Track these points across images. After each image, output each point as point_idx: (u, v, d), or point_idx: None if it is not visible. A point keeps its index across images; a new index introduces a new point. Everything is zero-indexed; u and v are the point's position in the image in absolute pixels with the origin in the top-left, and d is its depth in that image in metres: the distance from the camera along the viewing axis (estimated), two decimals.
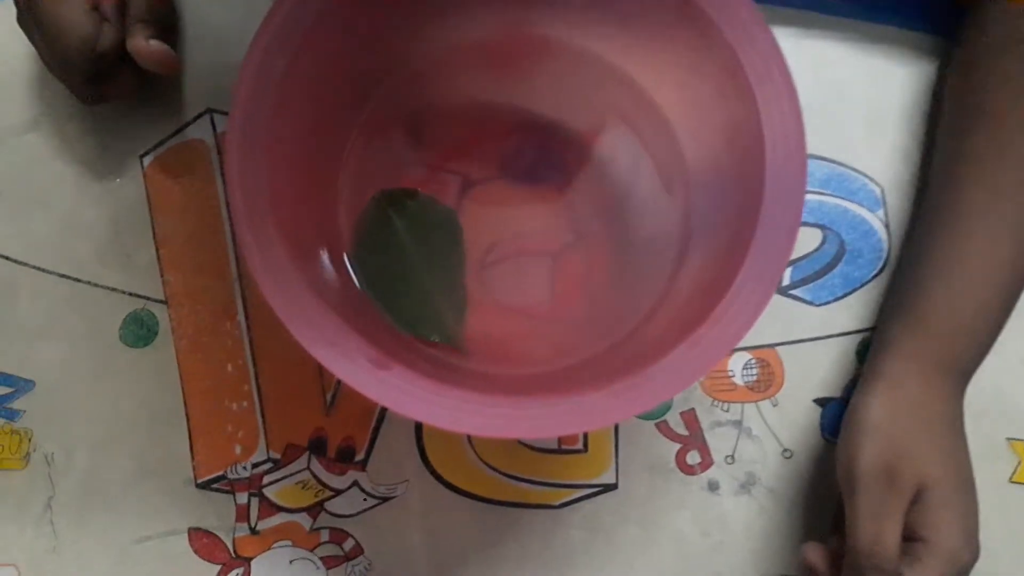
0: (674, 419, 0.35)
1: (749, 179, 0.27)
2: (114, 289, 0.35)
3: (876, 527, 0.29)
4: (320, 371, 0.34)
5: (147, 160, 0.36)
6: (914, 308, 0.33)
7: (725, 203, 0.30)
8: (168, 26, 0.35)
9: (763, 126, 0.26)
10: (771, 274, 0.25)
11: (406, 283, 0.32)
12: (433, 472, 0.34)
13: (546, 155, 0.35)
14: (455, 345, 0.32)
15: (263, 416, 0.34)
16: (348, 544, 0.34)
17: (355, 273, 0.32)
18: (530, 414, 0.24)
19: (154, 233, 0.35)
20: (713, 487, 0.35)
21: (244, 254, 0.25)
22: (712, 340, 0.25)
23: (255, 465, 0.34)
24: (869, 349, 0.35)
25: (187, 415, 0.34)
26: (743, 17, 0.27)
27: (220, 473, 0.34)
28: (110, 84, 0.33)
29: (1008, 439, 0.35)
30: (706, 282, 0.29)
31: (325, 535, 0.34)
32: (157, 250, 0.35)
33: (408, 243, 0.32)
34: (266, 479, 0.34)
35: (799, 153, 0.26)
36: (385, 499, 0.34)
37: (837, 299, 0.36)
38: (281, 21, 0.27)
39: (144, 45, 0.32)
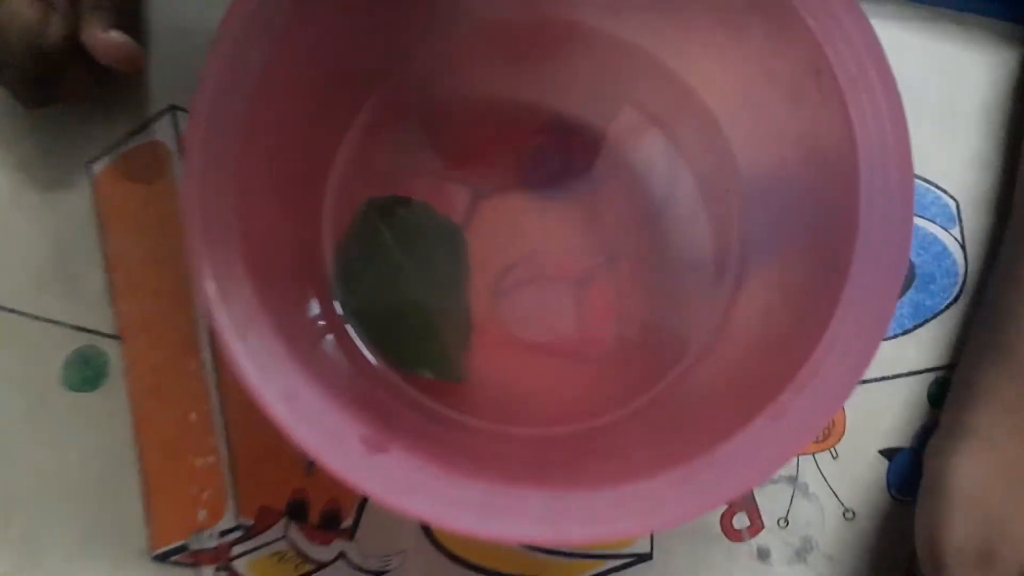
0: None
1: (832, 201, 0.22)
2: (56, 322, 0.29)
3: None
4: None
5: (97, 167, 0.30)
6: (1010, 348, 0.27)
7: (793, 227, 0.25)
8: (128, 13, 0.29)
9: (856, 141, 0.21)
10: (873, 326, 0.20)
11: (397, 309, 0.27)
12: (435, 541, 0.29)
13: (572, 162, 0.30)
14: (457, 381, 0.27)
15: (233, 474, 0.29)
16: None
17: (338, 300, 0.26)
18: (572, 514, 0.19)
19: (104, 254, 0.30)
20: (764, 555, 0.30)
21: (200, 291, 0.19)
22: (801, 413, 0.20)
23: (223, 533, 0.29)
24: (948, 394, 0.30)
25: (142, 472, 0.29)
26: (833, 5, 0.21)
27: (181, 542, 0.29)
28: (59, 84, 0.27)
29: None
30: (774, 325, 0.24)
31: None
32: (108, 275, 0.29)
33: (400, 260, 0.27)
34: (236, 550, 0.29)
35: (904, 175, 0.21)
36: (378, 574, 0.29)
37: (906, 332, 0.31)
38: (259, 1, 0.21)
39: (102, 37, 0.26)
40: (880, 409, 0.31)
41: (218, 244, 0.19)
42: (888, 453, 0.31)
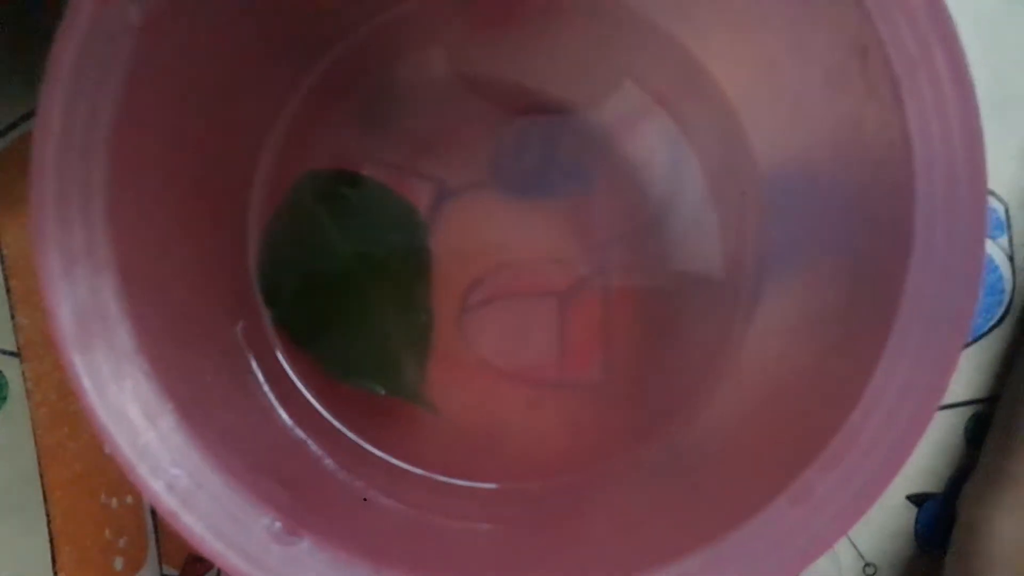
0: None
1: (877, 214, 0.18)
2: None
3: None
4: None
5: None
6: None
7: (823, 240, 0.21)
8: None
9: (913, 142, 0.16)
10: (929, 385, 0.16)
11: (337, 309, 0.23)
12: None
13: (554, 154, 0.25)
14: (415, 401, 0.23)
15: (155, 517, 0.25)
16: None
17: (261, 297, 0.22)
18: None
19: (1, 258, 0.25)
20: None
21: (56, 345, 0.15)
22: (831, 494, 0.15)
23: None
24: (989, 433, 0.26)
25: (47, 513, 0.25)
26: None
27: None
28: None
29: None
30: (799, 362, 0.20)
31: None
32: (6, 282, 0.25)
33: (343, 251, 0.22)
34: None
35: (975, 189, 0.16)
36: None
37: None
38: None
39: None
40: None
41: (80, 274, 0.15)
42: (917, 499, 0.27)
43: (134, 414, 0.15)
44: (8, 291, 0.25)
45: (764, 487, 0.16)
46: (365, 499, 0.19)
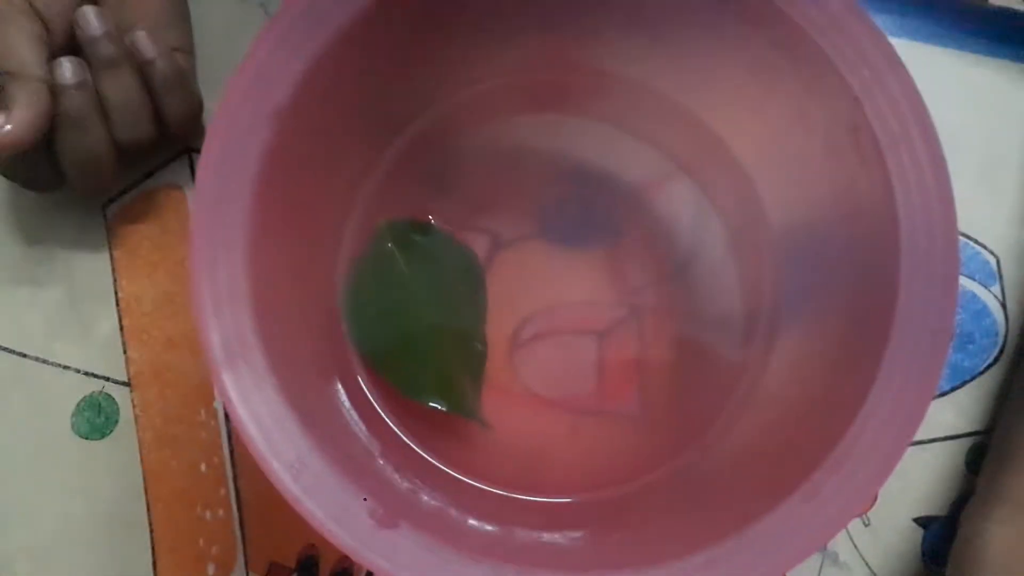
0: None
1: (870, 263, 0.21)
2: (67, 367, 0.29)
3: None
4: None
5: (111, 210, 0.30)
6: None
7: (828, 288, 0.24)
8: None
9: (897, 202, 0.20)
10: (914, 401, 0.19)
11: (406, 336, 0.26)
12: None
13: (594, 211, 0.29)
14: (471, 417, 0.26)
15: (243, 528, 0.28)
16: None
17: (346, 326, 0.26)
18: None
19: (117, 299, 0.29)
20: None
21: (207, 358, 0.19)
22: (835, 492, 0.19)
23: None
24: (985, 458, 0.28)
25: (150, 524, 0.28)
26: (874, 60, 0.20)
27: None
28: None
29: None
30: (807, 393, 0.23)
31: None
32: (120, 320, 0.29)
33: (413, 286, 0.26)
34: None
35: (948, 241, 0.20)
36: None
37: (943, 394, 0.30)
38: (281, 42, 0.20)
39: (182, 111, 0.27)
40: (915, 475, 0.29)
41: (226, 308, 0.19)
42: (923, 521, 0.29)
43: (267, 420, 0.18)
44: (122, 329, 0.29)
45: (779, 488, 0.19)
46: (439, 505, 0.22)
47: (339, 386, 0.24)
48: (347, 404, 0.23)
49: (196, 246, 0.19)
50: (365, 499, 0.18)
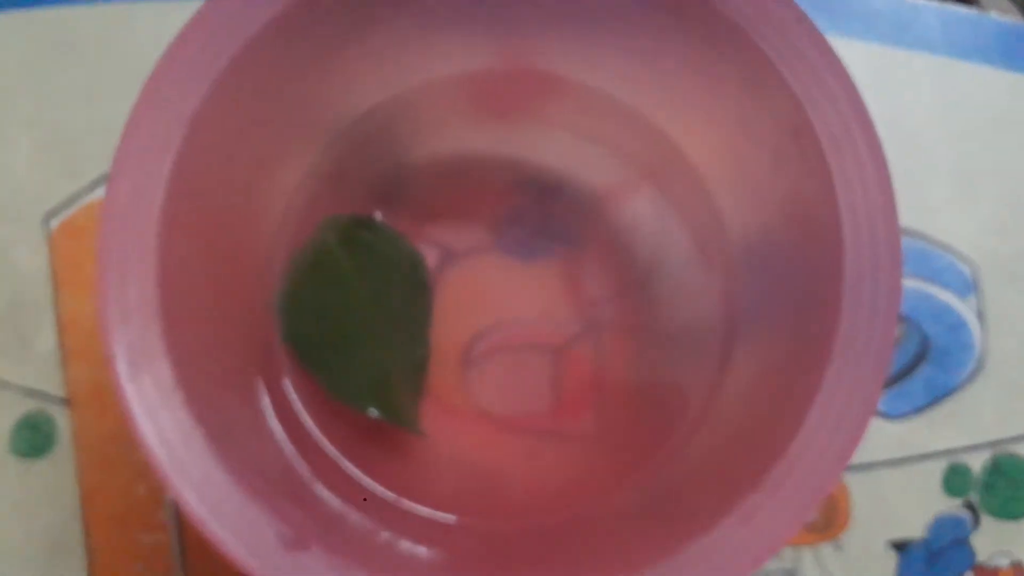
0: None
1: (817, 272, 0.20)
2: (5, 383, 0.28)
3: None
4: None
5: (54, 222, 0.29)
6: None
7: (782, 298, 0.23)
8: None
9: (839, 206, 0.19)
10: (854, 418, 0.18)
11: (344, 336, 0.25)
12: None
13: (551, 221, 0.28)
14: (407, 426, 0.25)
15: (183, 553, 0.27)
16: None
17: (279, 322, 0.25)
18: None
19: (57, 315, 0.28)
20: None
21: (110, 369, 0.18)
22: (771, 514, 0.17)
23: None
24: None
25: (87, 547, 0.27)
26: (815, 61, 0.19)
27: None
28: None
29: None
30: (756, 410, 0.22)
31: None
32: (59, 336, 0.28)
33: (355, 285, 0.25)
34: None
35: (891, 248, 0.19)
36: None
37: (918, 411, 0.29)
38: (198, 42, 0.20)
39: None
40: (889, 496, 0.28)
41: (133, 319, 0.18)
42: (899, 545, 0.28)
43: (173, 437, 0.17)
44: (61, 346, 0.28)
45: (717, 510, 0.18)
46: (368, 528, 0.21)
47: (266, 401, 0.23)
48: (274, 420, 0.22)
49: (103, 252, 0.18)
50: (274, 520, 0.17)
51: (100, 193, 0.29)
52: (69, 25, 0.30)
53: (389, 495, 0.23)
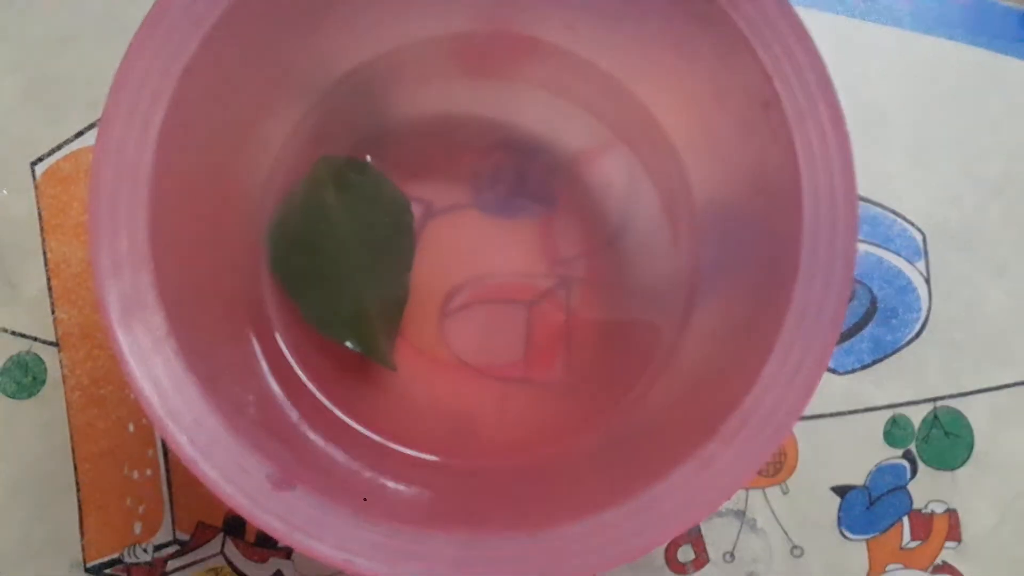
0: None
1: (779, 238, 0.22)
2: None
3: None
4: None
5: (40, 168, 0.29)
6: None
7: (743, 260, 0.24)
8: None
9: (802, 177, 0.20)
10: (807, 373, 0.19)
11: (328, 271, 0.26)
12: None
13: (528, 180, 0.29)
14: (379, 360, 0.26)
15: (170, 488, 0.28)
16: None
17: (268, 253, 0.26)
18: (483, 556, 0.18)
19: (45, 259, 0.29)
20: None
21: (102, 317, 0.19)
22: (728, 461, 0.19)
23: (158, 547, 0.28)
24: None
25: (77, 484, 0.28)
26: (784, 35, 0.20)
27: (115, 556, 0.28)
28: None
29: None
30: (716, 363, 0.23)
31: None
32: (48, 280, 0.29)
33: (341, 222, 0.26)
34: (171, 564, 0.28)
35: (848, 219, 0.20)
36: None
37: (864, 367, 0.31)
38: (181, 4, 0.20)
39: None
40: (834, 445, 0.30)
41: (125, 268, 0.19)
42: (841, 490, 0.30)
43: (165, 383, 0.18)
44: (50, 289, 0.29)
45: (677, 456, 0.20)
46: (351, 467, 0.22)
47: (256, 348, 0.24)
48: (265, 366, 0.24)
49: (95, 203, 0.19)
50: (263, 461, 0.19)
51: (85, 141, 0.29)
52: None
53: (374, 437, 0.25)
